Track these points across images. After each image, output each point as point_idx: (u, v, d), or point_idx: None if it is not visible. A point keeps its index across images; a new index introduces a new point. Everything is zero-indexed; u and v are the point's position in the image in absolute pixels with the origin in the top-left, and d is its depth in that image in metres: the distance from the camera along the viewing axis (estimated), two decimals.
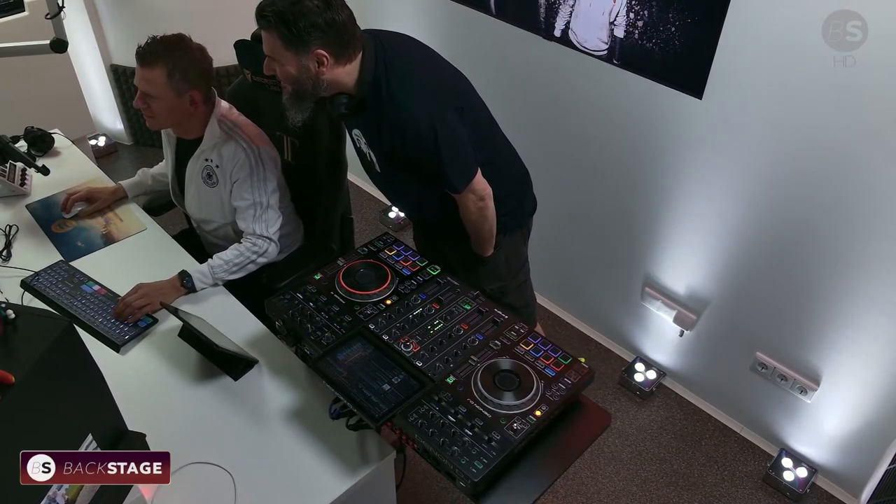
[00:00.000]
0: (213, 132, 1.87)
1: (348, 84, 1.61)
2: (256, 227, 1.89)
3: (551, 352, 1.43)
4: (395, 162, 1.73)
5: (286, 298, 1.55)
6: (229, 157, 1.87)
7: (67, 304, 1.75)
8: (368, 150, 1.79)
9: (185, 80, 1.77)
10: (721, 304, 2.29)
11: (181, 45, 1.78)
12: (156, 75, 1.74)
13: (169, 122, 1.88)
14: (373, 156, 1.78)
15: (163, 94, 1.76)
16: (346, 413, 1.42)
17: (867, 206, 1.79)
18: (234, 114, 1.93)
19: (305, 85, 1.57)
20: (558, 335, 2.81)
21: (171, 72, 1.74)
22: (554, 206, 2.03)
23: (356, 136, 1.80)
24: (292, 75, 1.56)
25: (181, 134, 1.93)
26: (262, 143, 1.91)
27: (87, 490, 1.14)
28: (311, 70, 1.55)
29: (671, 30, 1.91)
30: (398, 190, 1.93)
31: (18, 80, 3.05)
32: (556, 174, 2.51)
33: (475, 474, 1.20)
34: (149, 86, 1.76)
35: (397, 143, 1.66)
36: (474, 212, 1.76)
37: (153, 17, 3.37)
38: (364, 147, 1.80)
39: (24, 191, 2.17)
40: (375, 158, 1.78)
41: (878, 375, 1.98)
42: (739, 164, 2.00)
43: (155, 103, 1.78)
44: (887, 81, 1.61)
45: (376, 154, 1.76)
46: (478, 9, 2.43)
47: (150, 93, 1.76)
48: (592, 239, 2.60)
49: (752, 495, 2.27)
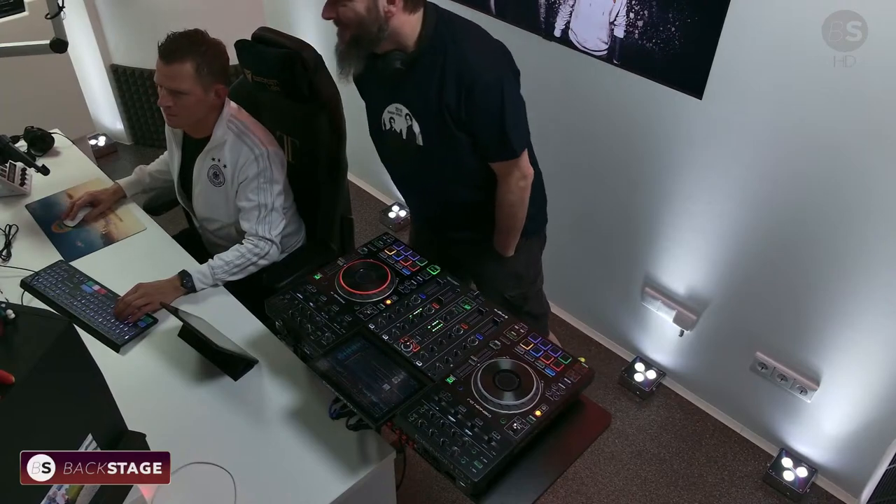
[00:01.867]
0: (223, 131, 1.87)
1: (409, 36, 1.57)
2: (259, 228, 1.89)
3: (551, 352, 1.42)
4: (446, 127, 1.63)
5: (286, 298, 1.55)
6: (237, 157, 1.87)
7: (67, 304, 1.75)
8: (410, 124, 1.68)
9: (211, 75, 1.77)
10: (721, 304, 2.29)
11: (204, 39, 1.78)
12: (185, 71, 1.73)
13: (192, 119, 1.85)
14: (416, 127, 1.68)
15: (192, 90, 1.76)
16: (346, 413, 1.42)
17: (867, 207, 1.79)
18: (244, 114, 1.93)
19: (370, 28, 1.52)
20: (558, 335, 2.81)
21: (200, 67, 1.74)
22: (554, 206, 2.02)
23: (392, 113, 1.72)
24: (359, 15, 1.50)
25: (192, 132, 1.93)
26: (270, 145, 1.91)
27: (87, 490, 1.14)
28: (381, 9, 1.50)
29: (671, 30, 1.91)
30: (434, 169, 1.76)
31: (18, 80, 3.05)
32: (556, 174, 2.50)
33: (475, 474, 1.20)
34: (177, 82, 1.74)
35: (462, 101, 1.58)
36: (515, 192, 1.71)
37: (153, 17, 3.37)
38: (402, 123, 1.70)
39: (24, 191, 2.16)
40: (420, 129, 1.68)
41: (878, 375, 1.98)
42: (739, 165, 2.00)
43: (183, 100, 1.77)
44: (887, 81, 1.61)
45: (424, 122, 1.67)
46: (478, 9, 2.43)
47: (180, 89, 1.75)
48: (592, 239, 2.60)
49: (752, 495, 2.27)
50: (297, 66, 1.95)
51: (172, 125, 1.89)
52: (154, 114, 3.76)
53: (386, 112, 1.73)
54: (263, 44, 2.04)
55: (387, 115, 1.74)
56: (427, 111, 1.65)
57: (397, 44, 1.58)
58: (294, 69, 1.95)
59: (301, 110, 2.05)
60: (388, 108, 1.72)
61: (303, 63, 1.95)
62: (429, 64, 1.59)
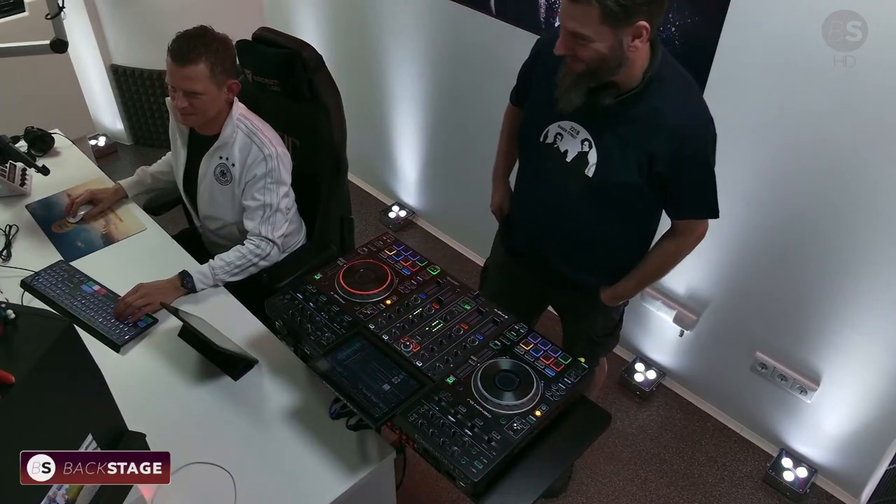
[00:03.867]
0: (231, 130, 1.87)
1: (637, 69, 1.40)
2: (262, 228, 1.89)
3: (551, 352, 1.43)
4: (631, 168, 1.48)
5: (286, 298, 1.55)
6: (246, 156, 1.87)
7: (67, 304, 1.75)
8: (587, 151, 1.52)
9: (224, 73, 1.78)
10: (721, 304, 2.29)
11: (213, 37, 1.78)
12: (200, 72, 1.73)
13: (207, 118, 1.85)
14: (593, 157, 1.51)
15: (208, 90, 1.76)
16: (346, 413, 1.42)
17: (867, 207, 1.79)
18: (252, 114, 1.93)
19: (610, 63, 1.35)
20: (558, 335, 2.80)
21: (213, 66, 1.75)
22: None
23: (563, 131, 1.54)
24: (600, 54, 1.33)
25: (201, 130, 1.93)
26: (279, 146, 1.91)
27: (87, 490, 1.14)
28: (626, 45, 1.32)
29: (671, 30, 1.91)
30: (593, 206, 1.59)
31: (18, 80, 3.05)
32: None
33: (475, 474, 1.20)
34: (193, 83, 1.74)
35: (672, 151, 1.44)
36: (685, 250, 1.62)
37: (153, 16, 3.37)
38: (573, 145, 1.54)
39: (24, 191, 2.16)
40: (598, 160, 1.51)
41: (877, 375, 1.98)
42: (739, 164, 2.00)
43: (200, 100, 1.77)
44: (887, 81, 1.61)
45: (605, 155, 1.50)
46: (478, 9, 2.43)
47: (196, 90, 1.75)
48: None
49: (752, 495, 2.27)
50: (297, 66, 1.95)
51: (187, 125, 1.89)
52: (154, 114, 3.76)
53: (555, 125, 1.56)
54: (264, 44, 2.04)
55: (554, 128, 1.56)
56: (617, 146, 1.49)
57: (622, 77, 1.41)
58: (294, 69, 1.95)
59: (301, 110, 2.05)
60: (561, 122, 1.54)
61: (303, 63, 1.95)
62: (638, 103, 1.44)
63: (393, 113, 3.12)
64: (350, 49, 3.13)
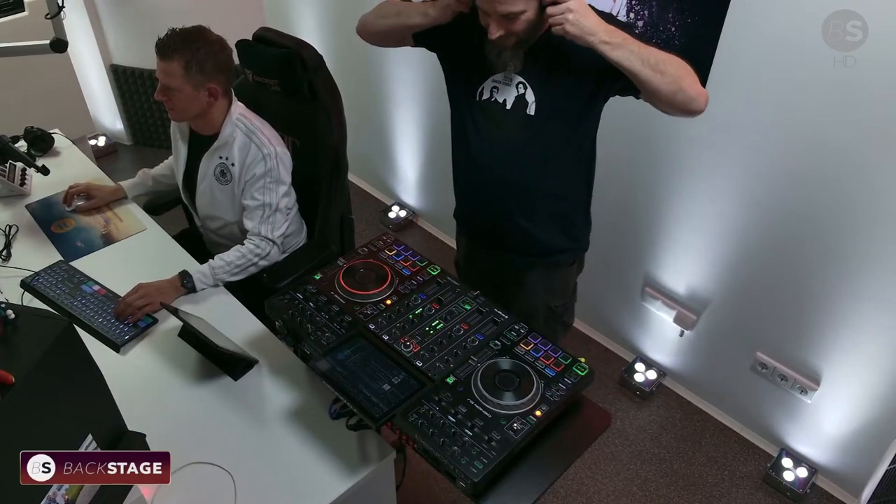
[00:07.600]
0: (231, 130, 1.87)
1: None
2: (262, 228, 1.89)
3: (551, 352, 1.42)
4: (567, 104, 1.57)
5: (286, 298, 1.55)
6: (246, 156, 1.87)
7: (67, 304, 1.75)
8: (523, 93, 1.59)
9: (202, 73, 1.77)
10: (721, 304, 2.29)
11: (200, 37, 1.78)
12: (174, 68, 1.74)
13: (189, 115, 1.87)
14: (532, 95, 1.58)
15: (181, 87, 1.77)
16: (346, 413, 1.42)
17: (867, 207, 1.79)
18: (252, 114, 1.94)
19: (537, 24, 1.48)
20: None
21: (189, 64, 1.75)
22: None
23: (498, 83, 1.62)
24: (530, 21, 1.46)
25: (199, 129, 1.93)
26: (279, 145, 1.91)
27: (87, 490, 1.14)
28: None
29: (671, 30, 1.91)
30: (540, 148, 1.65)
31: (18, 80, 3.05)
32: None
33: (475, 474, 1.20)
34: (168, 78, 1.76)
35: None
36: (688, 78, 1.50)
37: (153, 17, 3.37)
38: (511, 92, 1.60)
39: (24, 191, 2.17)
40: (535, 96, 1.58)
41: (877, 375, 1.98)
42: (739, 165, 2.00)
43: (175, 96, 1.79)
44: (887, 81, 1.61)
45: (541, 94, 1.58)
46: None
47: (170, 85, 1.77)
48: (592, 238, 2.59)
49: (752, 495, 2.27)
50: (297, 66, 1.95)
51: (173, 119, 1.90)
52: (154, 114, 3.77)
53: (489, 81, 1.63)
54: (264, 44, 2.04)
55: (489, 83, 1.63)
56: (551, 77, 1.57)
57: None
58: (294, 69, 1.95)
59: (301, 110, 2.05)
60: (494, 76, 1.62)
61: (303, 63, 1.95)
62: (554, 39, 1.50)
63: (393, 113, 3.12)
64: (350, 49, 3.13)
